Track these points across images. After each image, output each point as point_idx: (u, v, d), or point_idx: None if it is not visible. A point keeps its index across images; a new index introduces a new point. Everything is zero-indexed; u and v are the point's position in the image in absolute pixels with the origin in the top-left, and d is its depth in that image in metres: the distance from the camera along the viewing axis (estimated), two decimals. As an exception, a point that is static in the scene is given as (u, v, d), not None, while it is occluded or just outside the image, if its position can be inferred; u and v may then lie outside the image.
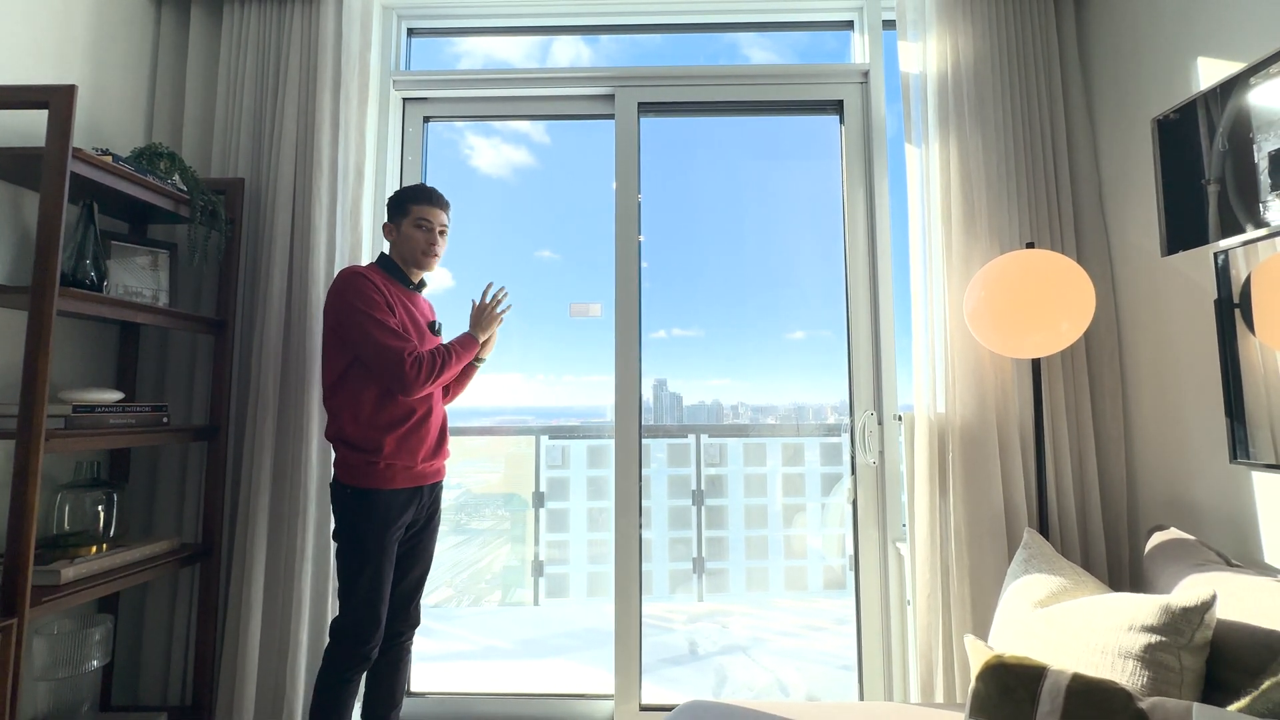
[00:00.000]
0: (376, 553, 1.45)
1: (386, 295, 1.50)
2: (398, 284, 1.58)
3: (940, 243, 1.71)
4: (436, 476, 1.60)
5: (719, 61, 2.06)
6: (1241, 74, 1.30)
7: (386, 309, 1.47)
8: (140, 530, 1.74)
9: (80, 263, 1.44)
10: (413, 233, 1.57)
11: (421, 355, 1.45)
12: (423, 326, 1.58)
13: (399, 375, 1.42)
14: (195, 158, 1.84)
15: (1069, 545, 1.62)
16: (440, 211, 1.61)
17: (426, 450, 1.53)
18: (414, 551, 1.58)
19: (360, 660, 1.46)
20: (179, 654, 1.69)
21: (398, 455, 1.48)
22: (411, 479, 1.51)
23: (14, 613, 1.17)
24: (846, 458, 1.94)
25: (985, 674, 1.07)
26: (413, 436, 1.50)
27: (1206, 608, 1.01)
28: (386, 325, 1.44)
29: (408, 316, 1.54)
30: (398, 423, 1.48)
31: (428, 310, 1.67)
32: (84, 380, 1.66)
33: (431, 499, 1.60)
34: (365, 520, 1.46)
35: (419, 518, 1.56)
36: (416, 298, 1.63)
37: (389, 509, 1.47)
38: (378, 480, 1.46)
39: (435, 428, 1.57)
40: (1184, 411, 1.49)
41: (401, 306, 1.53)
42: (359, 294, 1.45)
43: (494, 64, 2.30)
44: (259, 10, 1.86)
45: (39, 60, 1.56)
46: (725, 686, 2.48)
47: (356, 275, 1.49)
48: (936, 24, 1.78)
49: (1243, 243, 1.30)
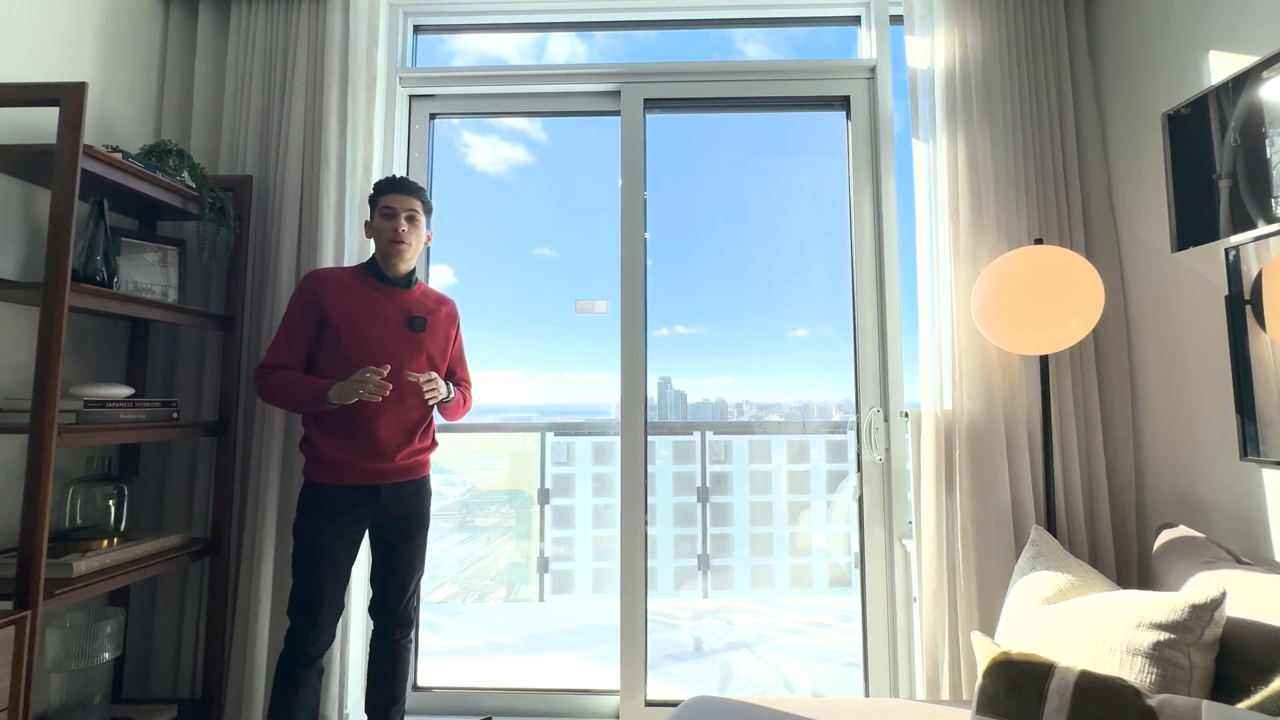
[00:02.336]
0: (314, 549, 1.44)
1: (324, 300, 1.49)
2: (372, 281, 1.55)
3: (947, 238, 1.70)
4: (399, 477, 1.52)
5: (714, 57, 2.05)
6: (1254, 67, 1.29)
7: (300, 320, 1.49)
8: (150, 524, 1.75)
9: (91, 259, 1.45)
10: (380, 224, 1.54)
11: (270, 378, 1.47)
12: (391, 323, 1.52)
13: (254, 379, 1.50)
14: (204, 155, 1.85)
15: (1077, 543, 1.62)
16: (405, 197, 1.54)
17: (378, 451, 1.48)
18: (390, 554, 1.55)
19: (299, 657, 1.44)
20: (189, 647, 1.70)
21: (338, 452, 1.46)
22: (360, 477, 1.48)
23: (28, 605, 1.19)
24: (852, 455, 1.93)
25: (992, 671, 1.06)
26: (355, 435, 1.47)
27: (1216, 605, 1.01)
28: (279, 337, 1.50)
29: (371, 314, 1.50)
30: (334, 422, 1.47)
31: (412, 304, 1.57)
32: (95, 376, 1.68)
33: (397, 500, 1.53)
34: (306, 514, 1.47)
35: (382, 519, 1.52)
36: (395, 292, 1.56)
37: (328, 505, 1.46)
38: (320, 475, 1.48)
39: (392, 430, 1.50)
40: (1194, 408, 1.48)
41: (363, 303, 1.51)
42: (292, 299, 1.52)
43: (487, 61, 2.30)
44: (266, 8, 1.87)
45: (50, 58, 1.57)
46: (730, 683, 2.49)
47: (307, 278, 1.54)
48: (944, 18, 1.77)
49: (1254, 238, 1.29)
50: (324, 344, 1.50)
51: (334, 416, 1.47)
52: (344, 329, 1.49)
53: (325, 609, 1.45)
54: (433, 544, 1.65)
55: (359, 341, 1.49)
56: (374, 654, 1.59)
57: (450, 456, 3.47)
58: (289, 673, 1.44)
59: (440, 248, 2.10)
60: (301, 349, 1.51)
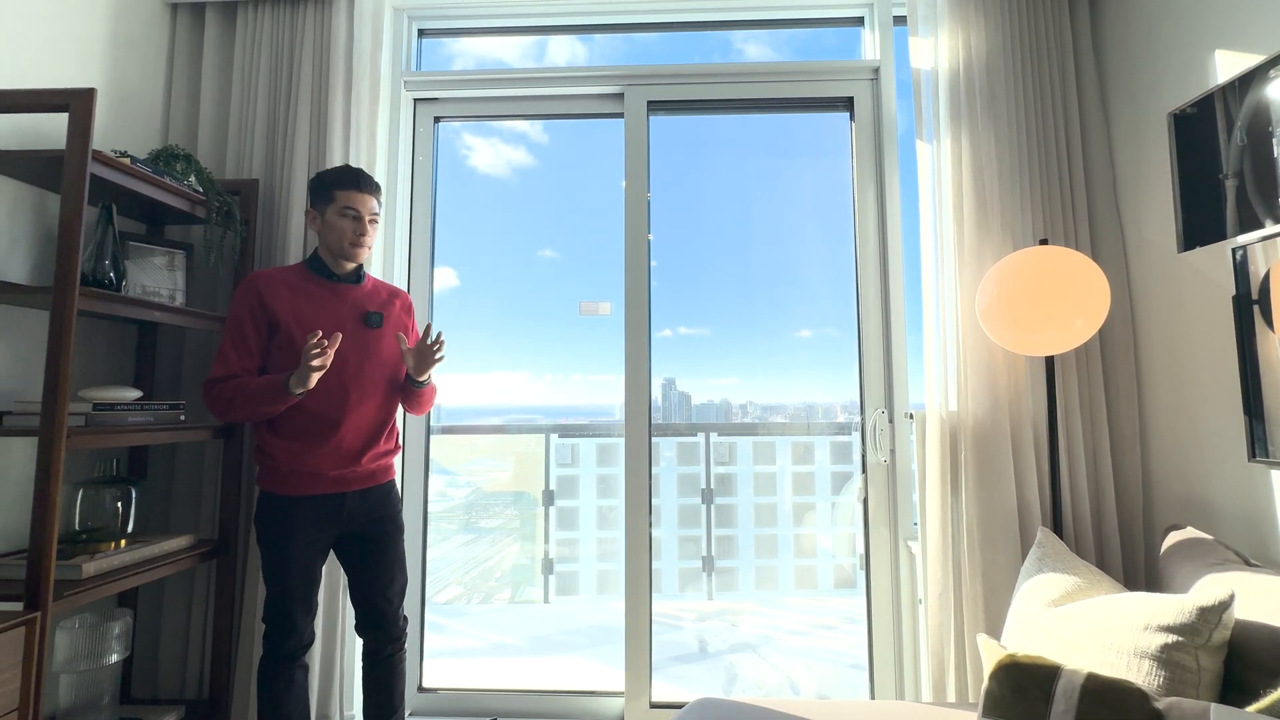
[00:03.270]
0: (281, 560, 1.41)
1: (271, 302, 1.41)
2: (319, 279, 1.49)
3: (952, 239, 1.69)
4: (363, 483, 1.48)
5: (714, 58, 2.05)
6: (1260, 66, 1.28)
7: (249, 326, 1.41)
8: (158, 526, 1.76)
9: (99, 263, 1.46)
10: (338, 222, 1.46)
11: (223, 389, 1.37)
12: (345, 321, 1.47)
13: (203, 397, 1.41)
14: (210, 159, 1.86)
15: (1083, 544, 1.61)
16: (369, 198, 1.48)
17: (340, 458, 1.44)
18: (365, 561, 1.50)
19: (282, 660, 1.42)
20: (196, 648, 1.71)
21: (298, 461, 1.41)
22: (324, 485, 1.43)
23: (38, 606, 1.20)
24: (857, 456, 1.93)
25: (998, 673, 1.06)
26: (307, 441, 1.41)
27: (1224, 607, 1.00)
28: (224, 348, 1.41)
29: (323, 314, 1.45)
30: (284, 426, 1.42)
31: (364, 299, 1.52)
32: (103, 378, 1.69)
33: (365, 506, 1.48)
34: (269, 526, 1.43)
35: (350, 527, 1.48)
36: (345, 289, 1.50)
37: (291, 516, 1.41)
38: (275, 484, 1.43)
39: (354, 435, 1.45)
40: (1201, 409, 1.47)
41: (312, 304, 1.45)
42: (233, 305, 1.44)
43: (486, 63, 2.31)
44: (272, 13, 1.88)
45: (60, 65, 1.59)
46: (735, 685, 2.48)
47: (246, 283, 1.45)
48: (948, 18, 1.76)
49: (1262, 238, 1.28)
50: (274, 349, 1.43)
51: (291, 421, 1.41)
52: (296, 330, 1.42)
53: (300, 611, 1.43)
54: (437, 545, 1.64)
55: None
56: (368, 669, 1.55)
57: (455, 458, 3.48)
58: (272, 675, 1.42)
59: (442, 250, 2.11)
60: (252, 357, 1.42)
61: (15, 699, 1.11)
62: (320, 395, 1.41)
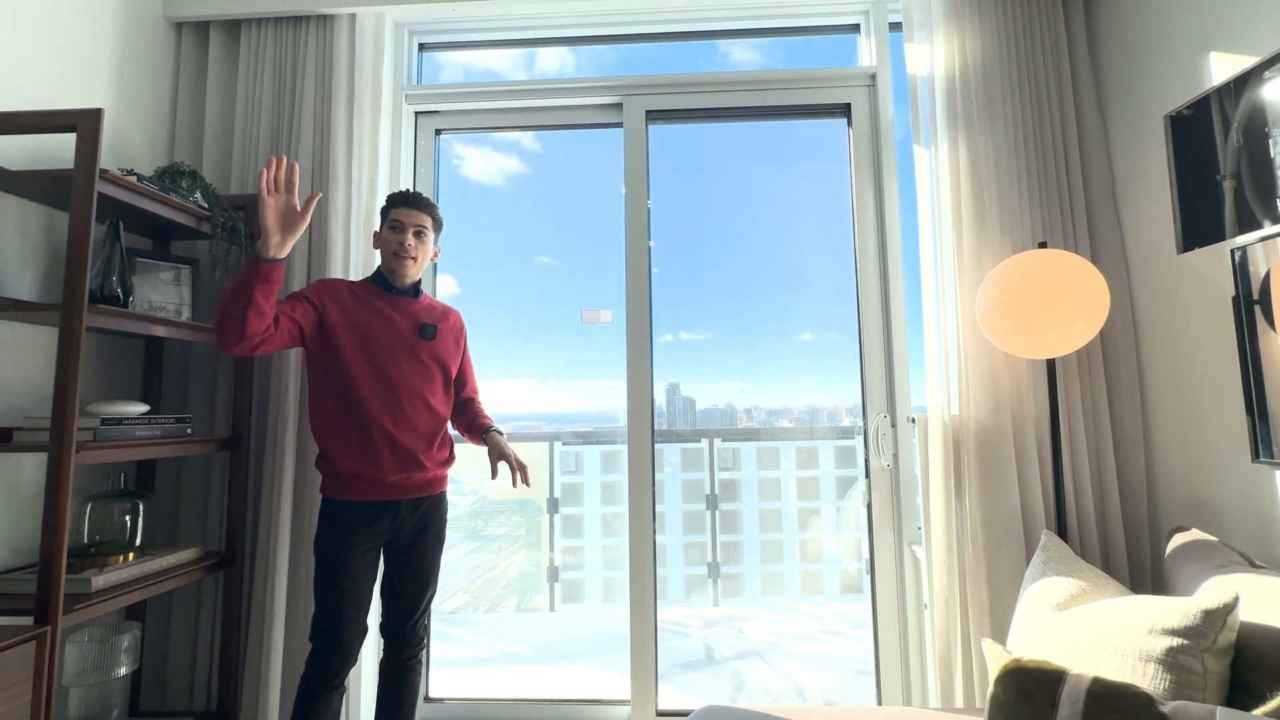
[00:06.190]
0: (336, 568, 1.42)
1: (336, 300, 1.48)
2: (379, 291, 1.55)
3: (951, 244, 1.70)
4: (419, 491, 1.51)
5: (708, 68, 2.07)
6: (1256, 68, 1.29)
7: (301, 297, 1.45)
8: (166, 539, 1.78)
9: (107, 279, 1.48)
10: (387, 235, 1.55)
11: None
12: (403, 333, 1.53)
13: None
14: (215, 175, 1.89)
15: (1088, 547, 1.60)
16: (415, 212, 1.55)
17: (397, 463, 1.46)
18: (402, 570, 1.53)
19: (323, 681, 1.41)
20: (204, 660, 1.72)
21: (354, 464, 1.44)
22: (379, 491, 1.46)
23: (48, 620, 1.21)
24: (861, 460, 1.93)
25: (1003, 678, 1.06)
26: (367, 446, 1.44)
27: (1229, 609, 1.00)
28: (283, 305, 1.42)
29: (381, 323, 1.50)
30: (345, 431, 1.45)
31: (421, 312, 1.58)
32: (111, 393, 1.71)
33: (416, 514, 1.52)
34: (327, 533, 1.45)
35: (399, 534, 1.51)
36: (402, 302, 1.56)
37: (348, 522, 1.44)
38: (336, 490, 1.46)
39: (409, 439, 1.48)
40: (1204, 411, 1.47)
41: (372, 313, 1.51)
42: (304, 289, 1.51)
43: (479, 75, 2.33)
44: (275, 31, 1.91)
45: (67, 86, 1.62)
46: (742, 691, 2.48)
47: (321, 280, 1.55)
48: (944, 24, 1.78)
49: (1261, 238, 1.28)
50: (322, 354, 1.47)
51: (348, 426, 1.45)
52: (342, 334, 1.46)
53: (349, 631, 1.43)
54: (444, 554, 1.65)
55: (368, 348, 1.48)
56: (383, 674, 1.57)
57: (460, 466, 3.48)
58: (313, 696, 1.42)
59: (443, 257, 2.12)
60: (286, 308, 1.41)
61: (26, 713, 1.12)
62: (376, 401, 1.46)
